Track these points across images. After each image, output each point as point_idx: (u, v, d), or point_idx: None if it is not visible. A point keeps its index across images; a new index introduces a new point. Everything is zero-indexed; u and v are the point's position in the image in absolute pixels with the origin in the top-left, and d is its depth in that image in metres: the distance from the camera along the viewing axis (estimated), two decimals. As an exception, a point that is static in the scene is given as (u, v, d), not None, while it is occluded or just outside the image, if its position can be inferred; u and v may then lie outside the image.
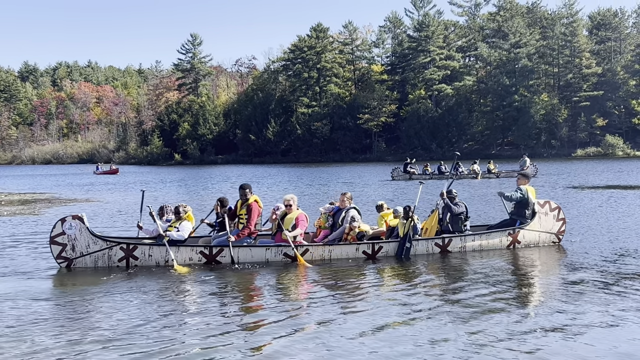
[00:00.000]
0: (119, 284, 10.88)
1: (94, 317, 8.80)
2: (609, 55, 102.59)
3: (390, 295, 10.03)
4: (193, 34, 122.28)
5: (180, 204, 13.27)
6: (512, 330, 7.91)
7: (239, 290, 10.58)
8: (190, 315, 8.87)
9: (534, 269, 12.27)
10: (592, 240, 14.89)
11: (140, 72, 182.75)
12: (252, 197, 13.11)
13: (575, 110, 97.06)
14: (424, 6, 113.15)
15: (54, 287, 10.99)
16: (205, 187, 40.53)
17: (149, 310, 9.09)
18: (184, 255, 12.46)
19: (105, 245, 12.29)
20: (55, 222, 12.30)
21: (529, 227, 14.31)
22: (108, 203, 29.26)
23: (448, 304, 9.27)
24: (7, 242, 16.29)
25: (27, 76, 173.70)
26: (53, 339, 7.76)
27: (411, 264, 12.65)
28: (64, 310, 9.20)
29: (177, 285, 10.89)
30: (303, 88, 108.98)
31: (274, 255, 12.74)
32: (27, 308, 9.31)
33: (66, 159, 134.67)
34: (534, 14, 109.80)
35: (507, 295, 9.83)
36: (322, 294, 10.19)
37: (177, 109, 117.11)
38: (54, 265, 12.35)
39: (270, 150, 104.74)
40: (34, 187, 45.20)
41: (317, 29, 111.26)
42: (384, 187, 36.07)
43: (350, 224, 13.40)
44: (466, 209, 14.24)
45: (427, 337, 7.66)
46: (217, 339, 7.67)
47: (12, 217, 23.10)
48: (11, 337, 7.86)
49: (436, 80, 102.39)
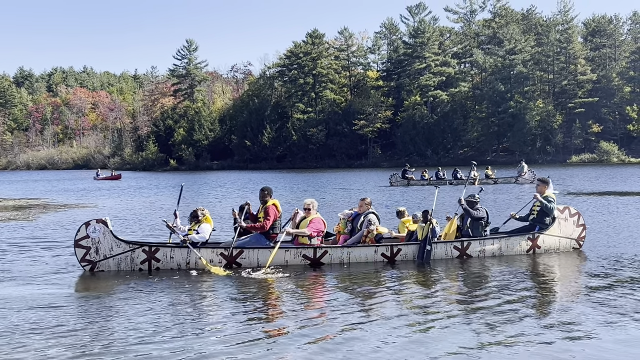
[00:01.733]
0: (140, 287, 11.00)
1: (116, 321, 8.83)
2: (604, 61, 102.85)
3: (409, 299, 9.96)
4: (189, 40, 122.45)
5: (198, 208, 13.38)
6: (531, 337, 7.78)
7: (258, 293, 10.58)
8: (210, 319, 8.87)
9: (554, 275, 12.12)
10: (612, 246, 14.72)
11: (135, 78, 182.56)
12: (270, 201, 13.24)
13: (570, 116, 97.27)
14: (419, 13, 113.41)
15: (77, 290, 11.07)
16: (200, 193, 40.42)
17: (169, 315, 9.11)
18: (205, 256, 12.54)
19: (127, 248, 12.44)
20: (80, 226, 12.44)
21: (549, 232, 14.18)
22: (104, 208, 29.15)
23: (468, 309, 9.17)
24: (29, 245, 16.51)
25: (23, 82, 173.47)
26: (76, 341, 7.84)
27: (430, 268, 12.58)
28: (87, 313, 9.28)
29: (196, 288, 10.98)
30: (299, 94, 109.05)
31: (292, 257, 12.85)
32: (52, 310, 9.40)
33: (61, 164, 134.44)
34: (529, 21, 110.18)
35: (527, 302, 9.70)
36: (341, 297, 10.14)
37: (173, 115, 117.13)
38: (78, 268, 12.54)
39: (265, 156, 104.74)
40: (34, 192, 44.87)
41: (313, 35, 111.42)
42: (383, 193, 36.01)
43: (368, 227, 13.37)
44: (487, 214, 14.10)
45: (446, 343, 7.60)
46: (238, 346, 7.61)
47: (31, 222, 23.15)
48: (37, 339, 7.95)
49: (431, 86, 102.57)
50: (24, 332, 8.20)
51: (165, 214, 25.17)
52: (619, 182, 41.56)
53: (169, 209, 27.92)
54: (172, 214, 13.61)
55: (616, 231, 17.32)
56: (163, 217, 13.56)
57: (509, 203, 26.29)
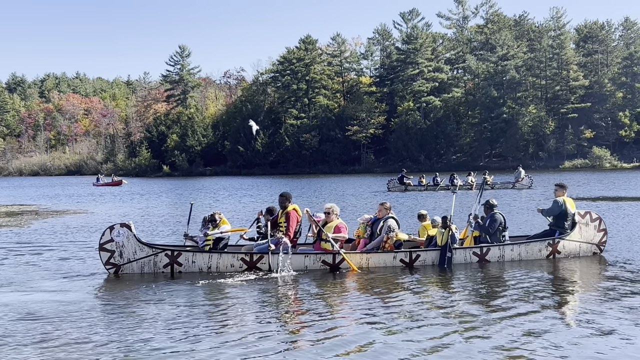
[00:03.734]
0: (163, 290, 11.14)
1: (139, 323, 8.96)
2: (596, 67, 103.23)
3: (428, 305, 9.89)
4: (181, 46, 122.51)
5: (215, 212, 13.53)
6: (552, 343, 7.70)
7: (278, 299, 10.63)
8: (230, 324, 8.94)
9: (575, 280, 11.99)
10: (633, 251, 14.61)
11: (128, 84, 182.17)
12: (290, 206, 13.33)
13: (562, 122, 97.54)
14: (412, 19, 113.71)
15: (102, 292, 11.25)
16: (194, 199, 40.30)
17: (190, 318, 9.20)
18: (226, 261, 12.75)
19: (151, 252, 12.65)
20: (104, 230, 12.67)
21: (569, 238, 14.09)
22: (94, 214, 29.01)
23: (487, 316, 9.10)
24: (55, 248, 16.87)
25: (15, 87, 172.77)
26: (101, 341, 8.07)
27: (449, 274, 12.50)
28: (112, 315, 9.46)
29: (217, 292, 11.06)
30: (292, 100, 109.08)
31: (312, 263, 12.93)
32: (78, 311, 9.65)
33: (54, 170, 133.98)
34: (521, 27, 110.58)
35: (548, 308, 9.60)
36: (360, 303, 10.14)
37: (166, 121, 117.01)
38: (103, 271, 12.74)
39: (258, 162, 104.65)
40: (42, 199, 44.43)
41: (306, 41, 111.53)
42: (381, 198, 35.90)
43: (388, 233, 13.34)
44: (504, 219, 13.98)
45: (466, 349, 7.54)
46: (258, 350, 7.63)
47: (47, 226, 23.37)
48: (65, 338, 8.18)
49: (424, 92, 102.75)
50: (54, 331, 8.47)
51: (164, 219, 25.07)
52: (628, 187, 41.32)
53: (169, 214, 27.83)
54: (182, 236, 13.83)
55: (638, 236, 17.16)
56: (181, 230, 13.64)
57: (505, 208, 26.24)
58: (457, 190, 43.51)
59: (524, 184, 43.31)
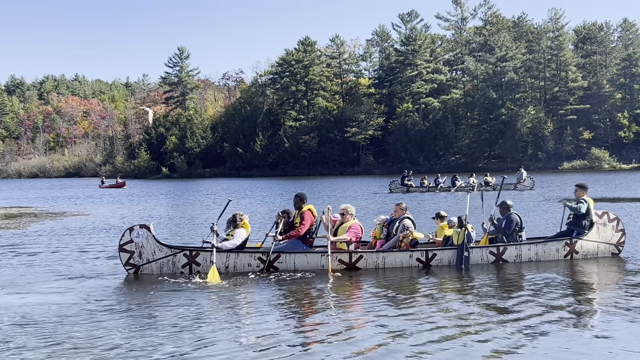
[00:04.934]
0: (182, 290, 11.26)
1: (159, 322, 9.11)
2: (594, 68, 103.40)
3: (444, 304, 9.87)
4: (180, 48, 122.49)
5: (237, 213, 13.64)
6: (570, 345, 7.65)
7: (295, 297, 10.72)
8: (247, 323, 9.00)
9: (593, 281, 11.91)
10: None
11: (127, 86, 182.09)
12: (305, 206, 13.46)
13: (561, 123, 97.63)
14: (411, 20, 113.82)
15: (123, 293, 11.42)
16: (193, 201, 40.32)
17: (208, 318, 9.31)
18: (243, 261, 12.89)
19: (169, 252, 12.81)
20: (124, 231, 12.87)
21: (587, 238, 13.96)
22: (90, 216, 29.00)
23: (504, 315, 9.07)
24: (74, 249, 17.08)
25: (14, 90, 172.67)
26: (120, 338, 8.26)
27: (465, 273, 12.48)
28: (129, 316, 9.58)
29: (234, 291, 11.22)
30: (291, 101, 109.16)
31: (329, 262, 12.98)
32: (99, 312, 9.83)
33: (53, 172, 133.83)
34: (520, 28, 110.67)
35: (566, 309, 9.53)
36: (377, 301, 10.16)
37: (165, 123, 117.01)
38: (123, 272, 12.90)
39: (257, 164, 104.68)
40: (50, 201, 44.33)
41: (305, 43, 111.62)
42: (384, 199, 35.94)
43: (403, 232, 13.38)
44: (520, 219, 13.91)
45: (482, 349, 7.53)
46: (274, 350, 7.65)
47: (64, 227, 23.41)
48: (86, 335, 8.39)
49: (423, 93, 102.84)
50: (75, 329, 8.67)
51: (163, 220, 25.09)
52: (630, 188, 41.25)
53: (168, 215, 27.84)
54: (209, 229, 13.94)
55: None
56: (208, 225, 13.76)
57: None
58: (456, 190, 43.77)
59: (526, 185, 43.29)
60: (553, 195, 35.53)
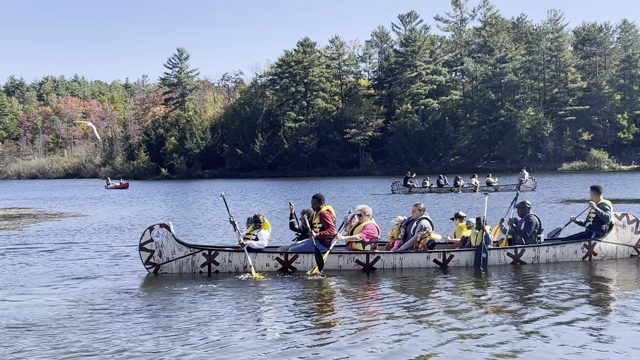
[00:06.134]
0: (201, 289, 11.40)
1: (179, 320, 9.25)
2: (594, 70, 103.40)
3: (462, 306, 9.87)
4: (180, 49, 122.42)
5: (259, 213, 13.72)
6: (589, 348, 7.60)
7: (313, 298, 10.80)
8: (265, 323, 9.13)
9: (612, 283, 11.85)
10: None
11: (127, 87, 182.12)
12: (324, 207, 13.52)
13: (560, 124, 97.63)
14: (410, 21, 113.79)
15: (143, 291, 11.60)
16: (193, 202, 40.32)
17: (227, 317, 9.42)
18: (261, 261, 13.02)
19: (189, 252, 12.97)
20: (144, 230, 13.06)
21: (606, 239, 13.91)
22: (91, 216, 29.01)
23: (522, 317, 9.05)
24: (94, 248, 17.43)
25: (13, 91, 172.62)
26: (140, 335, 8.44)
27: (483, 275, 12.46)
28: (150, 313, 9.78)
29: (253, 291, 11.33)
30: (290, 102, 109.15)
31: (346, 263, 13.12)
32: (119, 308, 10.06)
33: (52, 173, 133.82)
34: (519, 29, 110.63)
35: (585, 311, 9.43)
36: (394, 303, 10.18)
37: (164, 124, 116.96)
38: (143, 270, 13.08)
39: (257, 165, 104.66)
40: (61, 202, 44.31)
41: (304, 44, 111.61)
42: (386, 200, 35.95)
43: (420, 232, 13.40)
44: (539, 221, 13.85)
45: (500, 351, 7.51)
46: (291, 349, 7.70)
47: (85, 226, 23.52)
48: (109, 333, 8.57)
49: (423, 94, 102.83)
50: (100, 327, 8.88)
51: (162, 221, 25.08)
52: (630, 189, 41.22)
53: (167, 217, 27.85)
54: (229, 223, 14.18)
55: None
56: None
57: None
58: (461, 191, 43.92)
59: (528, 186, 43.28)
60: (554, 196, 35.56)
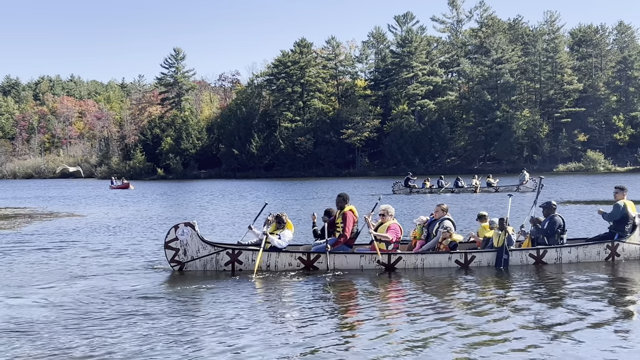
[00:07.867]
0: (225, 287, 11.62)
1: (203, 317, 9.45)
2: (590, 71, 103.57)
3: (483, 307, 9.84)
4: (176, 49, 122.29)
5: (283, 213, 13.87)
6: (609, 352, 7.53)
7: (334, 298, 10.87)
8: (287, 321, 9.20)
9: (636, 284, 11.81)
10: None
11: (123, 87, 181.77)
12: (347, 207, 13.62)
13: (556, 126, 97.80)
14: (407, 22, 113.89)
15: (168, 288, 11.76)
16: (190, 201, 40.28)
17: (250, 315, 9.58)
18: (284, 260, 13.18)
19: (213, 250, 13.17)
20: (169, 229, 13.24)
21: (629, 240, 13.84)
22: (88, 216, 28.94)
23: (543, 318, 9.02)
24: (119, 247, 17.68)
25: (9, 90, 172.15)
26: (161, 331, 8.62)
27: (505, 276, 12.42)
28: (173, 309, 9.98)
29: (275, 290, 11.51)
30: (286, 103, 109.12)
31: (368, 263, 13.18)
32: (143, 305, 10.26)
33: (48, 173, 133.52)
34: (515, 31, 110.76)
35: (608, 314, 9.33)
36: (415, 303, 10.21)
37: (160, 124, 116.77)
38: (168, 268, 13.31)
39: (253, 165, 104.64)
40: (70, 201, 44.12)
41: (301, 44, 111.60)
42: (387, 201, 35.93)
43: (443, 233, 13.43)
44: (563, 221, 13.78)
45: (521, 353, 7.49)
46: (310, 352, 7.69)
47: (109, 225, 23.73)
48: (134, 329, 8.75)
49: (419, 95, 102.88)
50: (124, 323, 9.06)
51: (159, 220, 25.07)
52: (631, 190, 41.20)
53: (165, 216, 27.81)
54: (247, 228, 14.46)
55: None
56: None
57: (512, 211, 26.25)
58: (460, 191, 44.06)
59: (528, 186, 43.39)
60: (553, 197, 35.52)
